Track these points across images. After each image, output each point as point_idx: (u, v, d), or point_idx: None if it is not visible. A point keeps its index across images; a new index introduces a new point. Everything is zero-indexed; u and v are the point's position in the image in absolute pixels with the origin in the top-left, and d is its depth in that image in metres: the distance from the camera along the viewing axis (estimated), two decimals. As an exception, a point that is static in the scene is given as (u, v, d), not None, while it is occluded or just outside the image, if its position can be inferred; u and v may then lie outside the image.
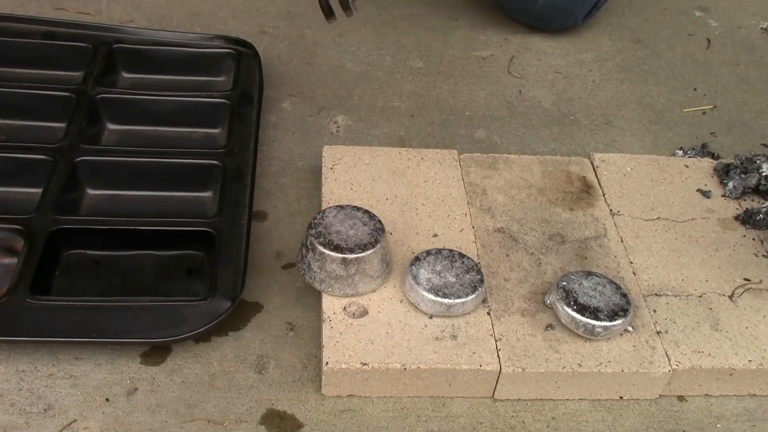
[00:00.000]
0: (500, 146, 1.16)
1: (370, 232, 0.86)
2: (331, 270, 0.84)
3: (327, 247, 0.84)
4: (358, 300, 0.86)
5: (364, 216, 0.88)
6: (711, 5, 1.54)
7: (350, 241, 0.85)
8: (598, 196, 1.03)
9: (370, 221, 0.88)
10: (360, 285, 0.85)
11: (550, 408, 0.84)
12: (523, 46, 1.37)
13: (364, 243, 0.85)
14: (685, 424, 0.84)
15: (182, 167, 1.00)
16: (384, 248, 0.86)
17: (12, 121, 1.07)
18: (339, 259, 0.84)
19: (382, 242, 0.86)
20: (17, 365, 0.82)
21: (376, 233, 0.86)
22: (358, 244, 0.85)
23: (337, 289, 0.85)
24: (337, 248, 0.84)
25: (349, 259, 0.83)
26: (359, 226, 0.87)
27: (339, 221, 0.87)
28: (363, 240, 0.85)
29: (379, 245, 0.85)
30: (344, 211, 0.89)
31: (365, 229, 0.87)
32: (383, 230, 0.87)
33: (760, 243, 0.99)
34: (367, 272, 0.85)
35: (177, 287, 0.91)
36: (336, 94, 1.22)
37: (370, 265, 0.85)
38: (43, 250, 0.87)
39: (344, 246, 0.84)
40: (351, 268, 0.84)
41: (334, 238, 0.85)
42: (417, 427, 0.81)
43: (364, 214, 0.89)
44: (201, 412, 0.80)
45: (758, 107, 1.30)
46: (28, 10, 1.28)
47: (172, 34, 1.22)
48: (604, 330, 0.83)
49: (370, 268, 0.85)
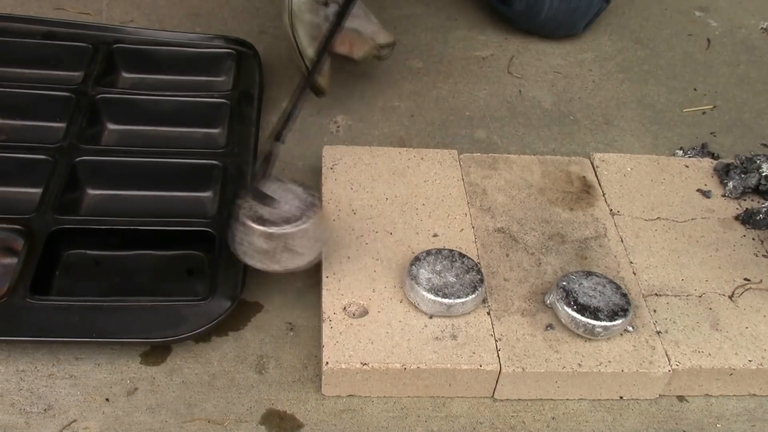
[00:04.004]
0: (500, 146, 1.16)
1: (302, 207, 0.83)
2: (255, 243, 0.82)
3: (253, 220, 0.81)
4: (358, 300, 0.86)
5: (303, 192, 0.85)
6: (711, 5, 1.54)
7: (276, 215, 0.82)
8: (598, 196, 1.03)
9: (305, 197, 0.84)
10: (285, 260, 0.83)
11: (550, 408, 0.84)
12: (523, 46, 1.37)
13: (291, 218, 0.82)
14: (685, 424, 0.84)
15: (182, 167, 1.00)
16: (316, 225, 0.83)
17: (12, 121, 1.07)
18: (263, 233, 0.81)
19: (312, 218, 0.83)
20: (17, 365, 0.82)
21: (307, 209, 0.83)
22: (285, 219, 0.82)
23: (259, 263, 0.83)
24: (261, 221, 0.81)
25: (272, 233, 0.81)
26: (292, 200, 0.84)
27: (273, 194, 0.84)
28: (292, 215, 0.82)
29: (309, 221, 0.82)
30: (283, 185, 0.86)
31: (297, 204, 0.83)
32: (316, 206, 0.84)
33: (760, 243, 0.99)
34: (292, 248, 0.82)
35: (177, 287, 0.91)
36: (336, 94, 1.22)
37: (296, 242, 0.82)
38: (43, 250, 0.87)
39: (270, 220, 0.81)
40: (274, 242, 0.81)
41: (264, 212, 0.82)
42: (417, 427, 0.81)
43: (305, 191, 0.85)
44: (201, 412, 0.80)
45: (758, 107, 1.30)
46: (28, 10, 1.28)
47: (172, 34, 1.22)
48: (604, 330, 0.83)
49: (297, 245, 0.82)
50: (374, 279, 0.88)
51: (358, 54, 1.09)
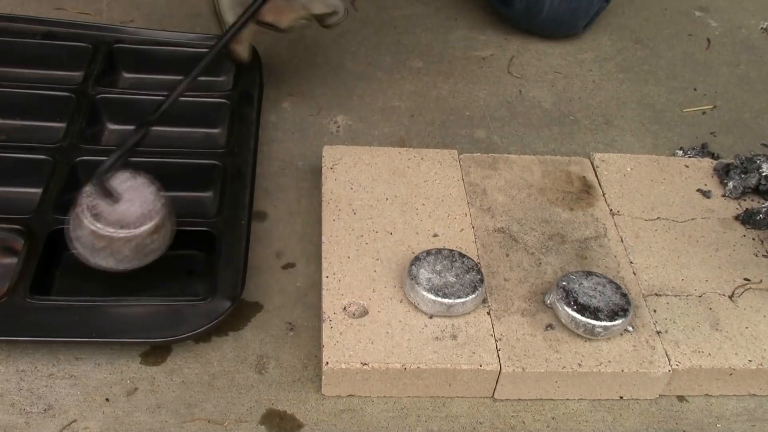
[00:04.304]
0: (500, 146, 1.16)
1: (141, 212, 0.80)
2: (81, 235, 0.80)
3: (88, 211, 0.79)
4: (358, 300, 0.86)
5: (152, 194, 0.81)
6: (711, 5, 1.54)
7: (112, 214, 0.78)
8: (598, 196, 1.03)
9: (152, 201, 0.80)
10: (102, 259, 0.81)
11: (550, 408, 0.84)
12: (523, 46, 1.37)
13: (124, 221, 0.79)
14: (685, 424, 0.84)
15: (182, 167, 1.00)
16: (147, 234, 0.80)
17: (12, 121, 1.07)
18: (90, 230, 0.78)
19: (146, 227, 0.79)
20: (17, 365, 0.82)
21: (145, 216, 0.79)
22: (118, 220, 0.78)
23: (81, 250, 0.81)
24: (95, 215, 0.78)
25: (97, 232, 0.78)
26: (135, 202, 0.80)
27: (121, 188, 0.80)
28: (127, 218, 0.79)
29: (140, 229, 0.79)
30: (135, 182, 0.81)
31: (138, 207, 0.80)
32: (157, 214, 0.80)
33: (760, 243, 0.99)
34: (115, 251, 0.80)
35: (177, 287, 0.91)
36: (336, 94, 1.22)
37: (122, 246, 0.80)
38: (43, 250, 0.87)
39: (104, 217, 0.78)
40: (99, 241, 0.79)
41: (102, 208, 0.78)
42: (417, 427, 0.81)
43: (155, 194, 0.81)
44: (201, 412, 0.80)
45: (758, 107, 1.30)
46: (28, 10, 1.28)
47: (173, 34, 1.21)
48: (604, 330, 0.83)
49: (121, 249, 0.80)
50: (374, 279, 0.88)
51: (285, 23, 1.02)
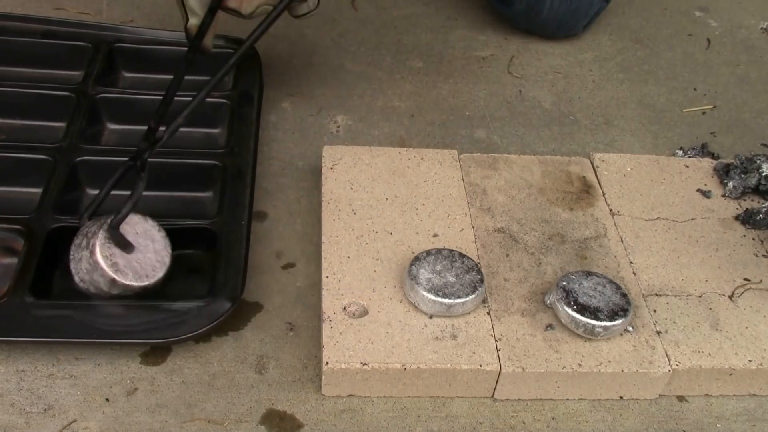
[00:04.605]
0: (500, 146, 1.16)
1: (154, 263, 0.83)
2: (96, 280, 0.82)
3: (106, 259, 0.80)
4: (358, 300, 0.86)
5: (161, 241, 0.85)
6: (711, 5, 1.54)
7: (128, 264, 0.81)
8: (598, 196, 1.03)
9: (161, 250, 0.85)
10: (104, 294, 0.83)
11: (550, 408, 0.84)
12: (523, 46, 1.37)
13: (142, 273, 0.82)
14: (685, 424, 0.84)
15: (182, 167, 1.00)
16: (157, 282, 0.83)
17: (12, 121, 1.07)
18: (110, 278, 0.81)
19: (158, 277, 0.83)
20: (17, 365, 0.82)
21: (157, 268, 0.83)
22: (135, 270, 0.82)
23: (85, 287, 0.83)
24: (113, 265, 0.81)
25: (117, 282, 0.81)
26: (148, 251, 0.84)
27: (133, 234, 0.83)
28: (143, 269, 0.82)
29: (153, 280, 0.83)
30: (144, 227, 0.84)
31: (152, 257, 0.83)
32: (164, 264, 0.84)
33: (760, 243, 0.99)
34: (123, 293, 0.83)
35: (177, 287, 0.91)
36: (336, 94, 1.22)
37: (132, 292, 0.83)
38: (43, 250, 0.87)
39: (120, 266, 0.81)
40: (114, 288, 0.82)
41: (118, 257, 0.81)
42: (417, 427, 0.81)
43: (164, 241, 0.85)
44: (201, 412, 0.80)
45: (758, 107, 1.30)
46: (28, 9, 1.28)
47: (172, 33, 1.21)
48: (604, 330, 0.83)
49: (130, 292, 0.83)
50: (374, 279, 0.88)
51: (248, 9, 1.00)
